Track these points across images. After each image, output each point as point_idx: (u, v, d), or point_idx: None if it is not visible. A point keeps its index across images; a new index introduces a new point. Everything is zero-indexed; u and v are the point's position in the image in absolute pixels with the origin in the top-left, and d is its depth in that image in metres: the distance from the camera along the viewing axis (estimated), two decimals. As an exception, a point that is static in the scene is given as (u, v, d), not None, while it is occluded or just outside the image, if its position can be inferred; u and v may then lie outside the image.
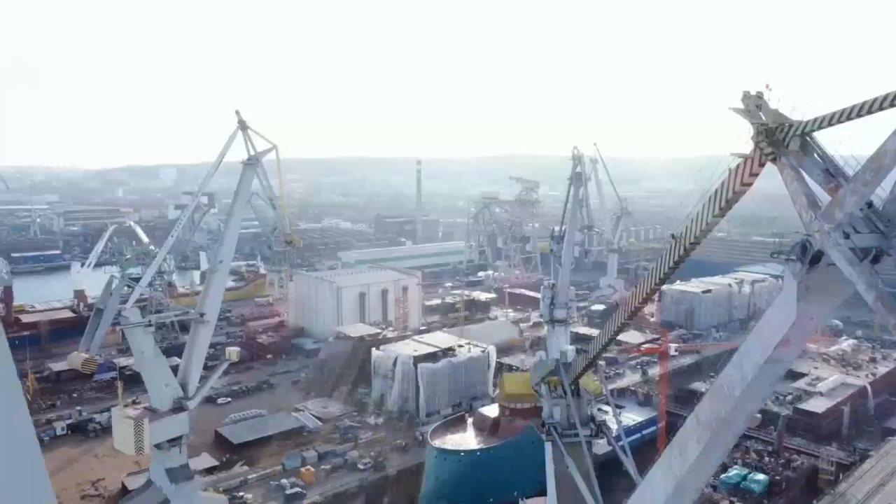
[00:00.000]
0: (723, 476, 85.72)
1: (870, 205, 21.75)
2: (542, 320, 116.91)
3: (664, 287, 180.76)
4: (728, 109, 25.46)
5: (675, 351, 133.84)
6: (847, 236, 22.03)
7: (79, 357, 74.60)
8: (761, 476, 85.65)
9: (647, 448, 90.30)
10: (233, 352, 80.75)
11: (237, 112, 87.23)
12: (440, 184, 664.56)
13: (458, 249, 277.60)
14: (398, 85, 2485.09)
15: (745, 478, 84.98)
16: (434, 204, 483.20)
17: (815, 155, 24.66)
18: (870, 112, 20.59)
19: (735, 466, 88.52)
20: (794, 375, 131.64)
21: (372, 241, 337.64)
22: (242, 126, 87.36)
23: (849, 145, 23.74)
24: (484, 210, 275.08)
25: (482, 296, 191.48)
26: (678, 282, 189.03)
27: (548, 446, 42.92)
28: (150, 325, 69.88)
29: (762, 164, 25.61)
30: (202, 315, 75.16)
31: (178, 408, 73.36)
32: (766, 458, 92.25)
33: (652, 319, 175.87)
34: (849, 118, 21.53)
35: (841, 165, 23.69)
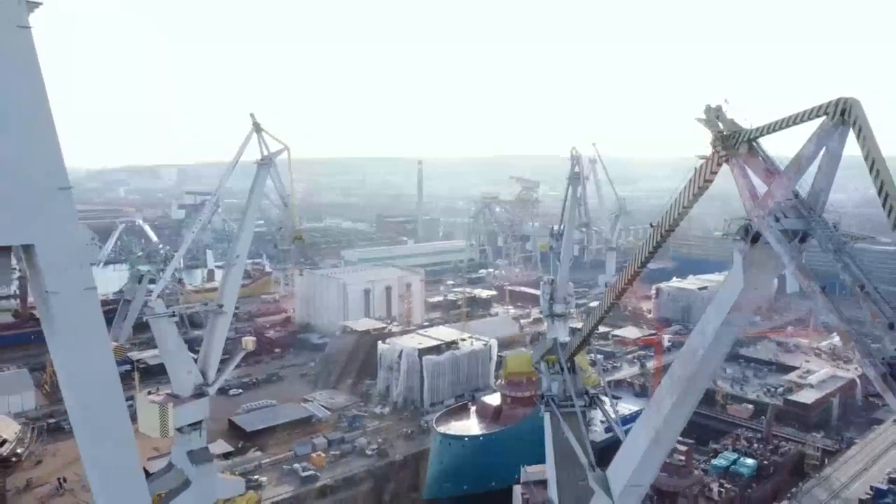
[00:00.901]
0: (714, 461, 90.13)
1: (797, 195, 26.46)
2: (541, 316, 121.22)
3: (662, 285, 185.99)
4: (694, 119, 30.12)
5: (669, 342, 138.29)
6: (778, 220, 26.84)
7: None
8: (750, 461, 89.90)
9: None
10: (248, 341, 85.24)
11: (252, 115, 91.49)
12: (440, 184, 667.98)
13: (458, 248, 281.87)
14: (397, 85, 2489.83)
15: (734, 462, 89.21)
16: (434, 204, 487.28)
17: (759, 157, 29.31)
18: (795, 123, 25.45)
19: (725, 452, 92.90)
20: (787, 369, 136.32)
21: (374, 240, 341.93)
22: (257, 128, 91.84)
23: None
24: (484, 209, 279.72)
25: (483, 293, 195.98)
26: (675, 279, 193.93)
27: (546, 416, 47.32)
28: (174, 316, 74.40)
29: (719, 165, 30.42)
30: (220, 306, 79.85)
31: (199, 394, 77.79)
32: (756, 445, 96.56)
33: (650, 316, 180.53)
34: (780, 128, 26.41)
35: (777, 165, 28.41)
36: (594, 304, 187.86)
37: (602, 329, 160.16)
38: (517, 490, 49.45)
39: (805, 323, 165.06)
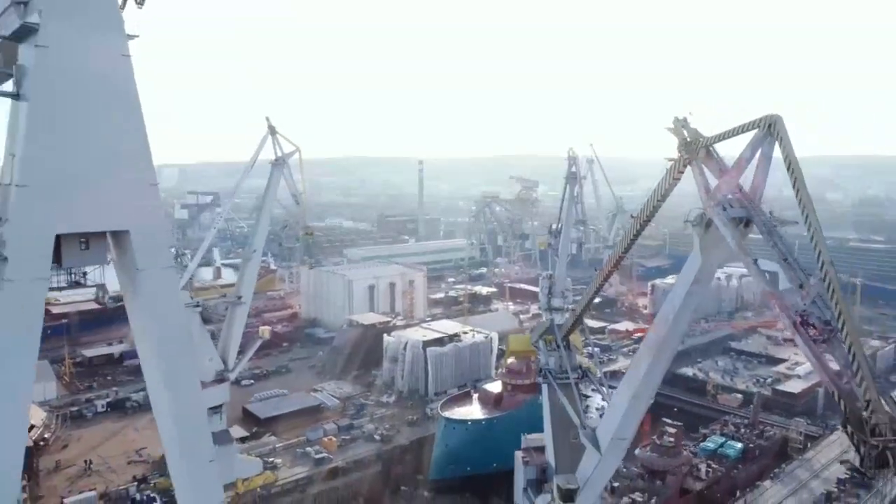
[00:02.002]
0: (702, 444, 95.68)
1: (741, 189, 32.17)
2: (540, 311, 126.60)
3: (656, 281, 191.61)
4: (664, 129, 35.90)
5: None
6: (725, 209, 32.66)
7: None
8: (737, 444, 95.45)
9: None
10: (265, 330, 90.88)
11: (267, 118, 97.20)
12: (440, 183, 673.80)
13: (459, 247, 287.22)
14: (398, 86, 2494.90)
15: (722, 445, 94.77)
16: (435, 203, 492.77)
17: (714, 159, 35.15)
18: (739, 133, 31.41)
19: (714, 436, 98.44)
20: (776, 361, 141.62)
21: (375, 238, 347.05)
22: (272, 131, 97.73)
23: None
24: (485, 209, 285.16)
25: (483, 290, 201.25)
26: (670, 277, 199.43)
27: (544, 387, 52.79)
28: (198, 307, 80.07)
29: (684, 167, 36.19)
30: (239, 297, 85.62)
31: (220, 379, 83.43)
32: (743, 430, 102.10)
33: (645, 311, 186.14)
34: (729, 137, 32.44)
35: (727, 165, 34.18)
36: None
37: (600, 324, 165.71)
38: (518, 455, 54.77)
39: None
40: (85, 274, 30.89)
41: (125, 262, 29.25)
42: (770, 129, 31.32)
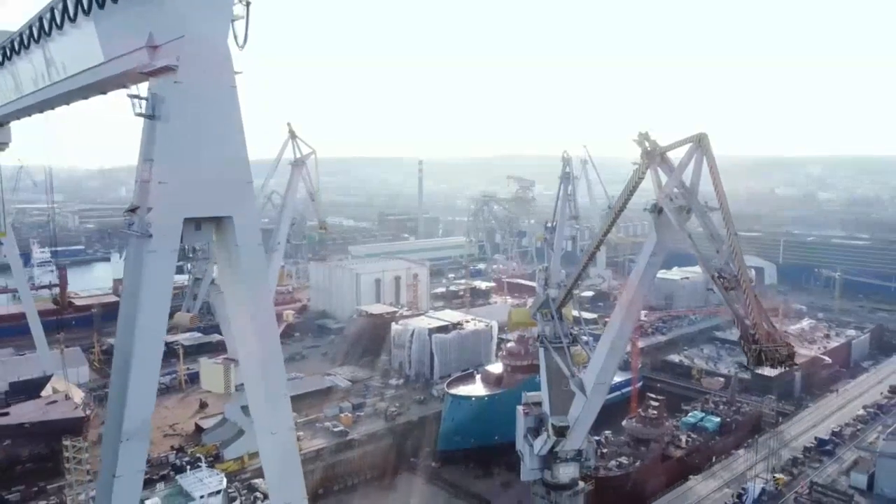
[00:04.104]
0: (684, 419, 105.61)
1: (683, 184, 42.27)
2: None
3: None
4: (631, 140, 46.15)
5: (644, 318, 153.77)
6: (671, 200, 42.46)
7: (184, 316, 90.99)
8: (715, 418, 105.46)
9: (625, 404, 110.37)
10: (288, 314, 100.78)
11: (288, 124, 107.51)
12: (438, 183, 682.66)
13: (458, 244, 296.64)
14: (397, 85, 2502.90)
15: (701, 419, 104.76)
16: (433, 203, 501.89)
17: (667, 164, 45.21)
18: (683, 144, 41.43)
19: (694, 411, 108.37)
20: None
21: (377, 237, 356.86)
22: (292, 135, 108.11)
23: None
24: (483, 207, 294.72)
25: (482, 284, 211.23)
26: (661, 271, 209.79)
27: (541, 351, 62.49)
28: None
29: (646, 170, 46.24)
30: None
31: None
32: (721, 407, 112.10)
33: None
34: (676, 147, 42.52)
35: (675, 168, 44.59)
36: (585, 293, 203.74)
37: (594, 316, 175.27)
38: (519, 409, 64.40)
39: (776, 311, 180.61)
40: (195, 249, 40.38)
41: (226, 241, 38.59)
42: (700, 143, 42.30)
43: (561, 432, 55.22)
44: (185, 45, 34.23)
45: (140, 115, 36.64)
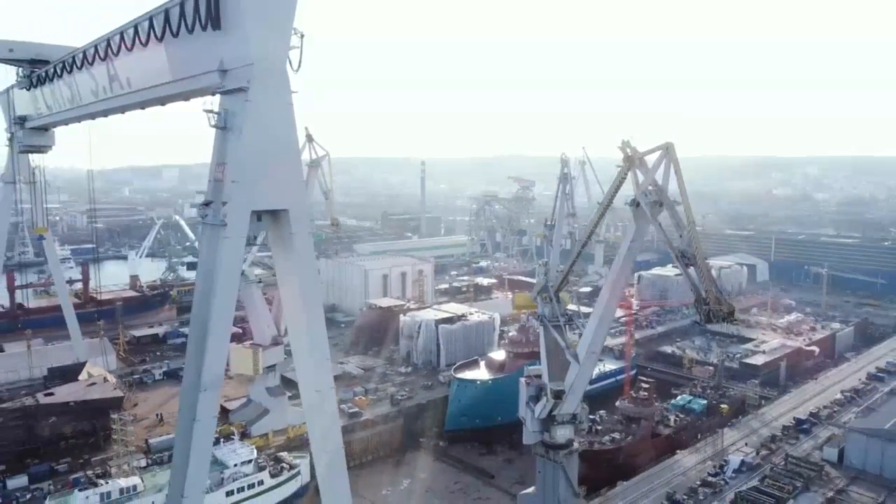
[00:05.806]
0: (672, 401, 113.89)
1: (655, 183, 50.69)
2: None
3: (642, 272, 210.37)
4: (616, 147, 54.43)
5: (637, 307, 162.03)
6: (646, 195, 50.64)
7: None
8: (702, 401, 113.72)
9: (620, 390, 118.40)
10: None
11: (306, 128, 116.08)
12: (439, 183, 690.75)
13: (460, 243, 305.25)
14: (396, 88, 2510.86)
15: (689, 402, 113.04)
16: (435, 202, 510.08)
17: (644, 166, 53.55)
18: (655, 151, 49.83)
19: (683, 394, 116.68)
20: (746, 340, 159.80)
21: (380, 235, 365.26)
22: (309, 138, 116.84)
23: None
24: (484, 207, 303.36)
25: (484, 281, 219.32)
26: (655, 268, 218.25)
27: (541, 329, 70.82)
28: (260, 283, 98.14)
29: (627, 171, 54.59)
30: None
31: (275, 343, 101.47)
32: (708, 391, 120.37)
33: (631, 299, 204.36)
34: (652, 152, 50.87)
35: (636, 170, 53.08)
36: (583, 289, 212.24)
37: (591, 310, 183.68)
38: (521, 380, 72.65)
39: (765, 306, 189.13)
40: (255, 237, 48.72)
41: (281, 230, 46.70)
42: (667, 150, 51.13)
43: (558, 395, 63.99)
44: (255, 70, 42.48)
45: (214, 126, 44.96)
